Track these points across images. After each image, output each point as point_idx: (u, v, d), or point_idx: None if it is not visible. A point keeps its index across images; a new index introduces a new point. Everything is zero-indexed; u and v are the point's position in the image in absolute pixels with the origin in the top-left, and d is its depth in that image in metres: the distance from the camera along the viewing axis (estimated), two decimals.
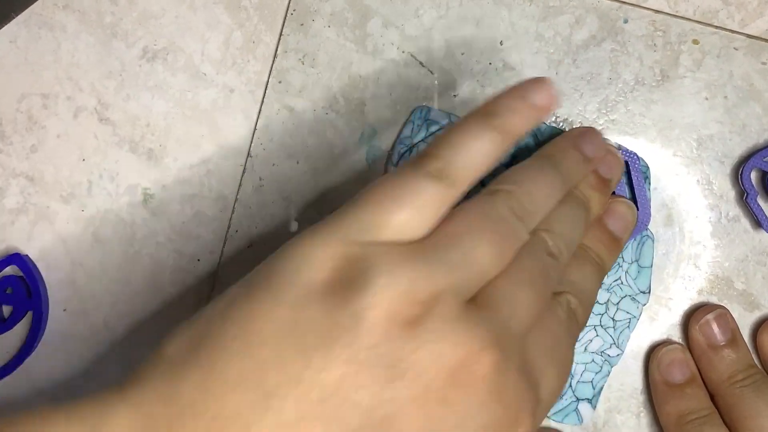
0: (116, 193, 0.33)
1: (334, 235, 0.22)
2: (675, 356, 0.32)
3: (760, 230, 0.32)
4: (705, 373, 0.31)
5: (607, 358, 0.32)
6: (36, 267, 0.33)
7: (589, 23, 0.33)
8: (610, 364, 0.32)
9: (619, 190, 0.31)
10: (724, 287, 0.33)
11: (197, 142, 0.33)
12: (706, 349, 0.31)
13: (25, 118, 0.33)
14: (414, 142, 0.32)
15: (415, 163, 0.24)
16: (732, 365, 0.31)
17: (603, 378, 0.32)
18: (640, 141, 0.33)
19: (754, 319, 0.32)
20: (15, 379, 0.32)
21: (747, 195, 0.32)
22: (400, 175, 0.23)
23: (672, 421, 0.30)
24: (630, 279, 0.32)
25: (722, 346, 0.31)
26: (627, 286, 0.32)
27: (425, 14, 0.33)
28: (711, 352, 0.31)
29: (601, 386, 0.32)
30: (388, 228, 0.22)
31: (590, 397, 0.32)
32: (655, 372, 0.32)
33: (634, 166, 0.31)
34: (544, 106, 0.25)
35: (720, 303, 0.32)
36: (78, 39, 0.34)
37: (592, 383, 0.32)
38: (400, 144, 0.32)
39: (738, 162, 0.32)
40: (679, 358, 0.32)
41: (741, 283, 0.33)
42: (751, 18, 0.33)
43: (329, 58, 0.33)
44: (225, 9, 0.34)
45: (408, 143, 0.32)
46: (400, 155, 0.32)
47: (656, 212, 0.33)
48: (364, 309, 0.20)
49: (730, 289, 0.33)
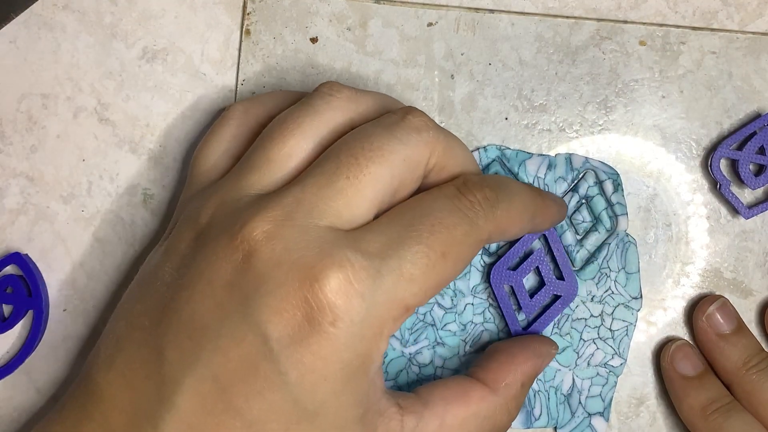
0: (116, 193, 0.33)
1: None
2: (686, 350, 0.32)
3: (738, 217, 0.33)
4: (718, 363, 0.31)
5: (611, 369, 0.32)
6: (36, 267, 0.33)
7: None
8: (616, 375, 0.32)
9: (541, 264, 0.32)
10: (714, 278, 0.33)
11: (197, 142, 0.33)
12: (716, 339, 0.31)
13: (25, 118, 0.33)
14: None
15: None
16: (744, 351, 0.31)
17: (611, 389, 0.32)
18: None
19: (750, 305, 0.33)
20: (15, 379, 0.32)
21: (720, 185, 0.32)
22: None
23: (696, 413, 0.30)
24: (620, 287, 0.32)
25: (730, 334, 0.31)
26: (618, 295, 0.32)
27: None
28: (721, 341, 0.31)
29: (610, 398, 0.32)
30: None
31: (602, 411, 0.32)
32: (669, 369, 0.31)
33: (552, 237, 0.32)
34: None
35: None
36: (78, 39, 0.34)
37: (600, 396, 0.32)
38: None
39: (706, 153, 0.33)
40: (690, 351, 0.32)
41: (729, 272, 0.33)
42: (751, 18, 0.33)
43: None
44: (225, 9, 0.34)
45: None
46: None
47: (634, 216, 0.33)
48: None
49: (720, 280, 0.33)
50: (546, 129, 0.33)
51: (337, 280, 0.23)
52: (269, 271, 0.23)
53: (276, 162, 0.26)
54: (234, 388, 0.23)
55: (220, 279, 0.24)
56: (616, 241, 0.32)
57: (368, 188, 0.25)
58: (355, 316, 0.23)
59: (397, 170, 0.25)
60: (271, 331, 0.23)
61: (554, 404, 0.32)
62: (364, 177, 0.25)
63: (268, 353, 0.23)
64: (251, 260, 0.23)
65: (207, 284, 0.24)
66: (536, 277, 0.32)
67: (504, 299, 0.32)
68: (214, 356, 0.23)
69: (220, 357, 0.23)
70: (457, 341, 0.32)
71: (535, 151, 0.33)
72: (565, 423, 0.32)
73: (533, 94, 0.33)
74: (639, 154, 0.33)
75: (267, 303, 0.23)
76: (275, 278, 0.23)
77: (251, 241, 0.23)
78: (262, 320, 0.23)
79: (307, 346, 0.23)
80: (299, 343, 0.23)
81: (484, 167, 0.33)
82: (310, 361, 0.23)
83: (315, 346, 0.23)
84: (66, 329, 0.33)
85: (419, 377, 0.32)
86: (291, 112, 0.27)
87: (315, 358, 0.23)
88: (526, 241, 0.32)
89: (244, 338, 0.23)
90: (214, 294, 0.24)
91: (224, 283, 0.23)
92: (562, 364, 0.32)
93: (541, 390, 0.32)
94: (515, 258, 0.32)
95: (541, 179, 0.32)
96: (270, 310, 0.23)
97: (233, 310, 0.23)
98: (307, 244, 0.23)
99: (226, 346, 0.23)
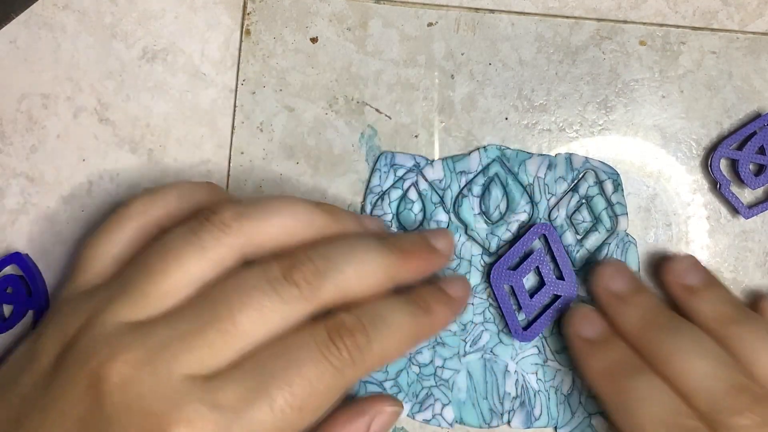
0: (116, 193, 0.33)
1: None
2: (587, 313, 0.30)
3: (738, 217, 0.33)
4: (619, 324, 0.30)
5: None
6: (36, 266, 0.33)
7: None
8: None
9: (541, 264, 0.32)
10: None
11: (197, 142, 0.33)
12: (614, 300, 0.30)
13: (25, 118, 0.33)
14: (384, 189, 0.32)
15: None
16: (643, 309, 0.29)
17: None
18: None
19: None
20: None
21: (720, 185, 0.32)
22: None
23: (600, 376, 0.29)
24: None
25: (628, 294, 0.30)
26: None
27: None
28: (619, 302, 0.30)
29: None
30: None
31: (602, 410, 0.32)
32: (572, 333, 0.30)
33: (552, 237, 0.32)
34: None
35: None
36: (78, 39, 0.34)
37: None
38: (370, 194, 0.33)
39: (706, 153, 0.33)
40: (591, 314, 0.30)
41: (730, 272, 0.33)
42: (751, 18, 0.33)
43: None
44: (225, 9, 0.34)
45: (378, 191, 0.33)
46: (373, 205, 0.33)
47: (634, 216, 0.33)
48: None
49: (721, 280, 0.33)
50: (546, 129, 0.33)
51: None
52: (119, 415, 0.23)
53: (152, 298, 0.25)
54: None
55: (73, 412, 0.24)
56: (616, 241, 0.32)
57: (239, 342, 0.25)
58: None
59: (272, 325, 0.25)
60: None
61: (554, 404, 0.32)
62: (236, 331, 0.25)
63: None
64: (103, 402, 0.24)
65: (59, 414, 0.24)
66: (536, 277, 0.32)
67: (504, 299, 0.32)
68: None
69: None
70: (457, 341, 0.32)
71: (535, 151, 0.33)
72: (565, 423, 0.32)
73: (533, 94, 0.33)
74: (639, 154, 0.33)
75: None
76: (123, 425, 0.23)
77: (107, 382, 0.24)
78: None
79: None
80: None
81: (484, 167, 0.33)
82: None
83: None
84: None
85: (419, 377, 0.32)
86: (175, 242, 0.26)
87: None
88: (526, 241, 0.32)
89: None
90: (64, 425, 0.24)
91: (76, 418, 0.24)
92: (562, 364, 0.32)
93: (541, 390, 0.32)
94: (515, 258, 0.32)
95: (541, 179, 0.32)
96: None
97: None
98: (160, 394, 0.24)
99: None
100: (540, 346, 0.32)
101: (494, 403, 0.32)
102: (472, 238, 0.32)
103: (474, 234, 0.32)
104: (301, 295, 0.25)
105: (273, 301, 0.25)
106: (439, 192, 0.33)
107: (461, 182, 0.33)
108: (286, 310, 0.25)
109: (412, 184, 0.33)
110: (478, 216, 0.32)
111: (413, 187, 0.33)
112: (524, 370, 0.32)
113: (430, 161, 0.33)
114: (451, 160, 0.33)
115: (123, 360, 0.24)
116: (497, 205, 0.32)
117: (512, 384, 0.32)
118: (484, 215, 0.32)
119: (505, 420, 0.32)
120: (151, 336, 0.25)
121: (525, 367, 0.32)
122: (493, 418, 0.32)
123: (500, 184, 0.32)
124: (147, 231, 0.28)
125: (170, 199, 0.29)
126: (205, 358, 0.24)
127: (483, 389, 0.32)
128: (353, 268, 0.26)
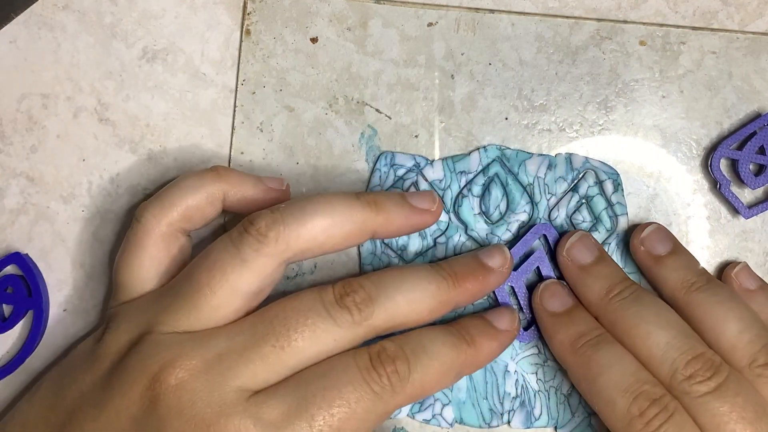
0: (116, 193, 0.33)
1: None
2: (553, 287, 0.31)
3: (738, 217, 0.33)
4: (583, 296, 0.30)
5: None
6: (36, 266, 0.33)
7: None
8: None
9: (541, 264, 0.32)
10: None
11: (197, 142, 0.33)
12: (578, 271, 0.31)
13: (25, 118, 0.33)
14: (384, 189, 0.32)
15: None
16: (606, 281, 0.30)
17: None
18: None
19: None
20: (15, 379, 0.32)
21: (720, 185, 0.32)
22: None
23: (566, 348, 0.29)
24: None
25: (592, 265, 0.30)
26: None
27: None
28: (583, 273, 0.30)
29: None
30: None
31: None
32: (539, 308, 0.31)
33: (552, 238, 0.32)
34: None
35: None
36: (78, 39, 0.34)
37: None
38: None
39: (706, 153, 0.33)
40: (557, 288, 0.31)
41: None
42: (751, 18, 0.33)
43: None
44: (225, 9, 0.34)
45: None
46: None
47: (634, 216, 0.33)
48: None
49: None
50: (546, 129, 0.33)
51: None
52: (171, 418, 0.25)
53: (204, 311, 0.27)
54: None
55: (128, 411, 0.25)
56: (616, 241, 0.32)
57: (291, 359, 0.26)
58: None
59: (324, 347, 0.26)
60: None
61: (554, 404, 0.32)
62: (291, 349, 0.26)
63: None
64: (158, 403, 0.25)
65: (115, 411, 0.25)
66: (536, 277, 0.32)
67: (504, 299, 0.32)
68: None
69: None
70: None
71: (535, 151, 0.33)
72: (565, 423, 0.32)
73: (533, 94, 0.33)
74: (639, 154, 0.33)
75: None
76: (174, 427, 0.25)
77: (163, 385, 0.25)
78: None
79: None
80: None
81: (484, 167, 0.33)
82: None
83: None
84: (66, 329, 0.33)
85: None
86: (218, 255, 0.27)
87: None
88: (527, 241, 0.32)
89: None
90: (119, 422, 0.25)
91: (130, 416, 0.25)
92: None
93: (541, 390, 0.32)
94: (515, 258, 0.32)
95: (541, 179, 0.32)
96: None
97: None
98: (211, 402, 0.25)
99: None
100: (540, 346, 0.32)
101: (494, 403, 0.32)
102: (472, 238, 0.32)
103: (474, 234, 0.32)
104: (353, 320, 0.26)
105: (327, 323, 0.26)
106: (439, 192, 0.33)
107: (461, 182, 0.33)
108: (338, 333, 0.26)
109: (412, 184, 0.33)
110: (478, 216, 0.32)
111: (413, 187, 0.33)
112: (524, 370, 0.32)
113: (430, 161, 0.33)
114: (451, 160, 0.33)
115: (181, 366, 0.25)
116: (497, 205, 0.32)
117: (512, 384, 0.32)
118: (484, 215, 0.32)
119: (505, 420, 0.32)
120: (210, 347, 0.26)
121: (525, 367, 0.32)
122: (493, 418, 0.32)
123: (500, 184, 0.32)
124: (165, 237, 0.29)
125: (175, 197, 0.29)
126: (258, 371, 0.25)
127: (483, 389, 0.32)
128: (403, 295, 0.27)
